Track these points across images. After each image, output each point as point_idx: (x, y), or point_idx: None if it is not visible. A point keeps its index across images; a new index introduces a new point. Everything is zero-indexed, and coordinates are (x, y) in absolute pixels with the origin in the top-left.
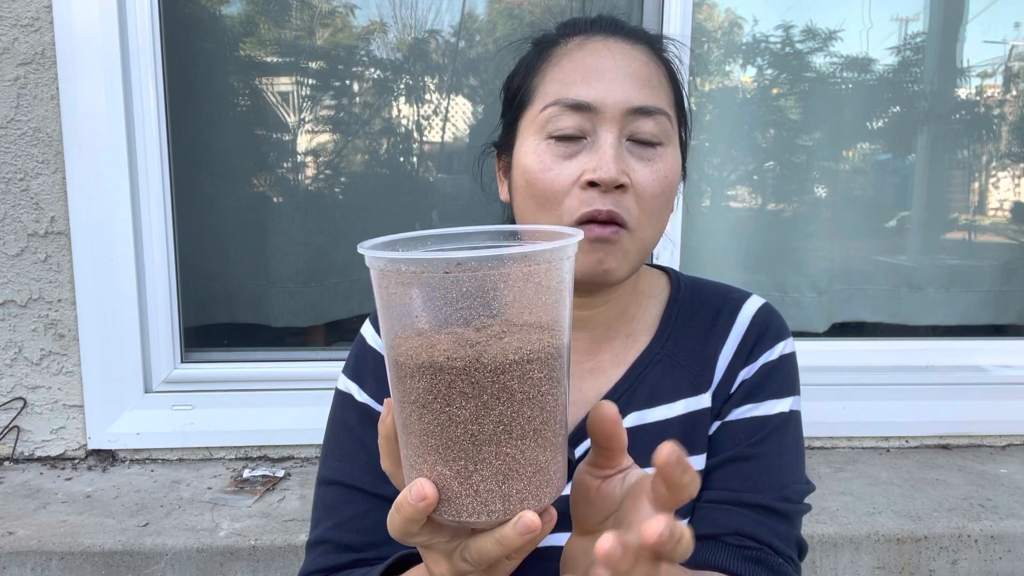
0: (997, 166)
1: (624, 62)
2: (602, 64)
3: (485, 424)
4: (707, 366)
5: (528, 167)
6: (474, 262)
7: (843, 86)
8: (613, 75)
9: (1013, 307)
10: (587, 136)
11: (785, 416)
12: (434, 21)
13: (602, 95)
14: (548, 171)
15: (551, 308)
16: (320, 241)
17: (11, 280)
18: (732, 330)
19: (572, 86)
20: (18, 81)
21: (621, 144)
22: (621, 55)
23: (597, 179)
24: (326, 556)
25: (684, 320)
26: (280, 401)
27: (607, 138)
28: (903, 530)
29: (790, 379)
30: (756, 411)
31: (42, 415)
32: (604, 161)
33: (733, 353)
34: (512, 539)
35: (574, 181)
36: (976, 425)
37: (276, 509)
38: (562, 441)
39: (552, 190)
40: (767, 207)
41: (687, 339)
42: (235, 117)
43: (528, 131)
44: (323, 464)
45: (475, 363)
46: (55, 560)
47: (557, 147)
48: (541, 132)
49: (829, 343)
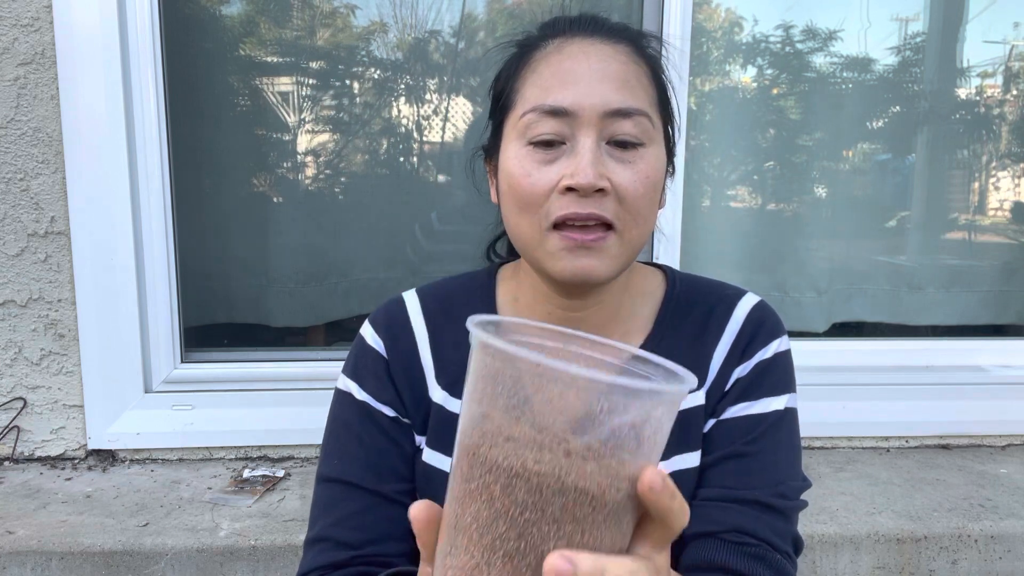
0: (997, 166)
1: (600, 64)
2: (578, 68)
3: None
4: (701, 364)
5: (510, 172)
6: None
7: (843, 86)
8: (589, 78)
9: (1013, 307)
10: (566, 141)
11: (780, 413)
12: (434, 21)
13: (578, 99)
14: (528, 176)
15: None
16: (320, 241)
17: (11, 280)
18: (726, 328)
19: (549, 92)
20: (18, 81)
21: (600, 148)
22: (597, 57)
23: (575, 184)
24: (325, 554)
25: (678, 318)
26: (280, 401)
27: (585, 142)
28: (903, 530)
29: (785, 377)
30: (751, 409)
31: (42, 415)
32: (582, 167)
33: (727, 351)
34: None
35: (553, 186)
36: (976, 425)
37: (276, 509)
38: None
39: (532, 195)
40: (767, 207)
41: (681, 337)
42: (235, 117)
43: (511, 136)
44: (322, 462)
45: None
46: (55, 560)
47: (537, 152)
48: (522, 138)
49: (829, 343)
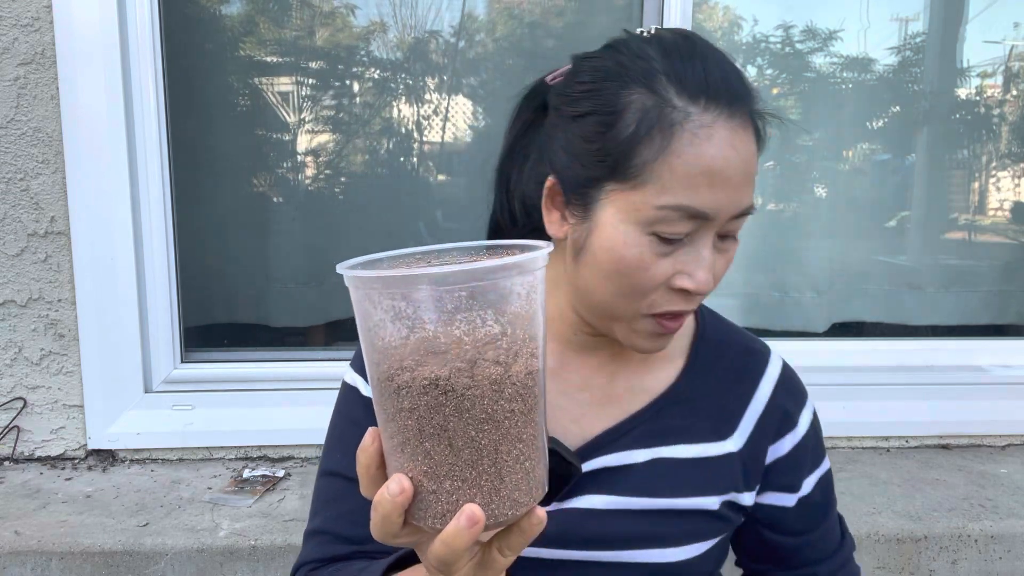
0: (997, 166)
1: (744, 163)
2: (727, 167)
3: (475, 437)
4: (734, 416)
5: (624, 257)
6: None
7: (843, 86)
8: (736, 184)
9: (1013, 307)
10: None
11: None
12: (434, 21)
13: (723, 205)
14: (645, 269)
15: (536, 323)
16: (320, 241)
17: (11, 280)
18: (759, 388)
19: (697, 191)
20: (18, 81)
21: (715, 247)
22: (745, 151)
23: (693, 289)
24: (324, 546)
25: (710, 363)
26: (280, 401)
27: (707, 242)
28: (903, 530)
29: (818, 446)
30: (803, 491)
31: (42, 415)
32: (702, 274)
33: (759, 416)
34: (455, 535)
35: (666, 279)
36: (976, 425)
37: (276, 509)
38: (541, 455)
39: (643, 287)
40: (767, 207)
41: (714, 380)
42: (235, 117)
43: (628, 215)
44: (326, 456)
45: (493, 383)
46: (55, 560)
47: (660, 246)
48: (646, 224)
49: (829, 343)
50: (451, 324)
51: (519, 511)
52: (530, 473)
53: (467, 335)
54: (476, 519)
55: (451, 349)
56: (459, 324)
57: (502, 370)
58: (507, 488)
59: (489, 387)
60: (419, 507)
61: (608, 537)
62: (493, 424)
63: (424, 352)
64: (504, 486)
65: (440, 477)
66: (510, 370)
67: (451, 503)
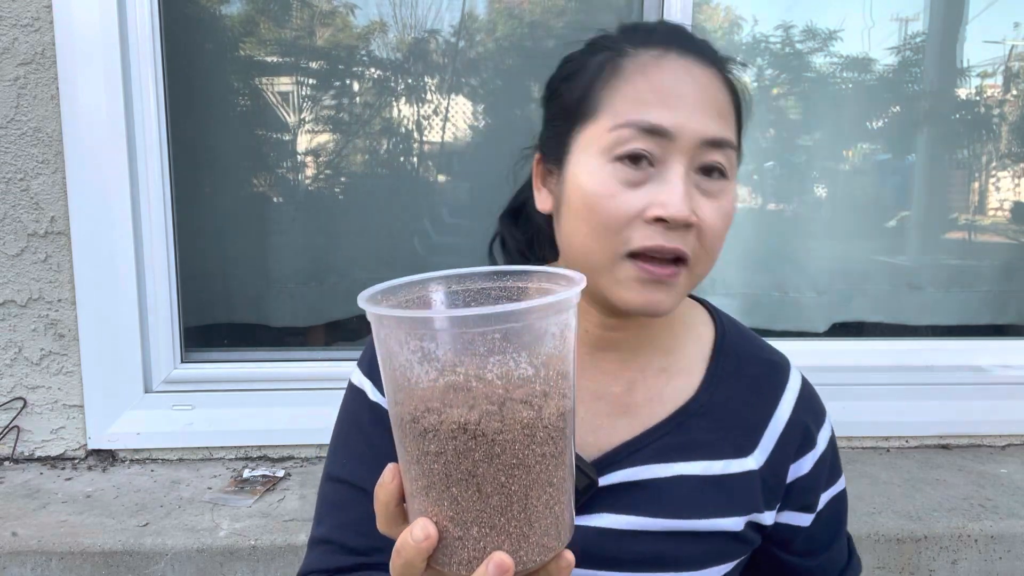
0: (997, 166)
1: (702, 88)
2: (681, 88)
3: (505, 483)
4: (755, 430)
5: (588, 189)
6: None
7: (843, 86)
8: (693, 102)
9: (1013, 307)
10: (655, 163)
11: (838, 502)
12: (434, 21)
13: (681, 122)
14: (612, 199)
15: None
16: (320, 241)
17: (11, 280)
18: (781, 402)
19: (648, 108)
20: (18, 81)
21: (689, 177)
22: (701, 78)
23: (667, 216)
24: (329, 556)
25: (730, 375)
26: (280, 401)
27: (677, 170)
28: (903, 530)
29: (835, 463)
30: (819, 508)
31: (42, 415)
32: (675, 198)
33: (781, 431)
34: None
35: (638, 213)
36: (976, 425)
37: (276, 509)
38: (569, 497)
39: (614, 219)
40: (767, 207)
41: (735, 391)
42: (235, 117)
43: (589, 149)
44: (332, 458)
45: (525, 427)
46: (55, 560)
47: (623, 171)
48: (606, 153)
49: (829, 343)
50: (484, 368)
51: (547, 556)
52: (559, 517)
53: (500, 378)
54: (506, 568)
55: (480, 391)
56: (492, 368)
57: (534, 413)
58: (536, 534)
59: (520, 431)
60: (444, 552)
61: (626, 558)
62: (524, 469)
63: (452, 394)
64: (533, 532)
65: (467, 523)
66: (542, 413)
67: (478, 550)
